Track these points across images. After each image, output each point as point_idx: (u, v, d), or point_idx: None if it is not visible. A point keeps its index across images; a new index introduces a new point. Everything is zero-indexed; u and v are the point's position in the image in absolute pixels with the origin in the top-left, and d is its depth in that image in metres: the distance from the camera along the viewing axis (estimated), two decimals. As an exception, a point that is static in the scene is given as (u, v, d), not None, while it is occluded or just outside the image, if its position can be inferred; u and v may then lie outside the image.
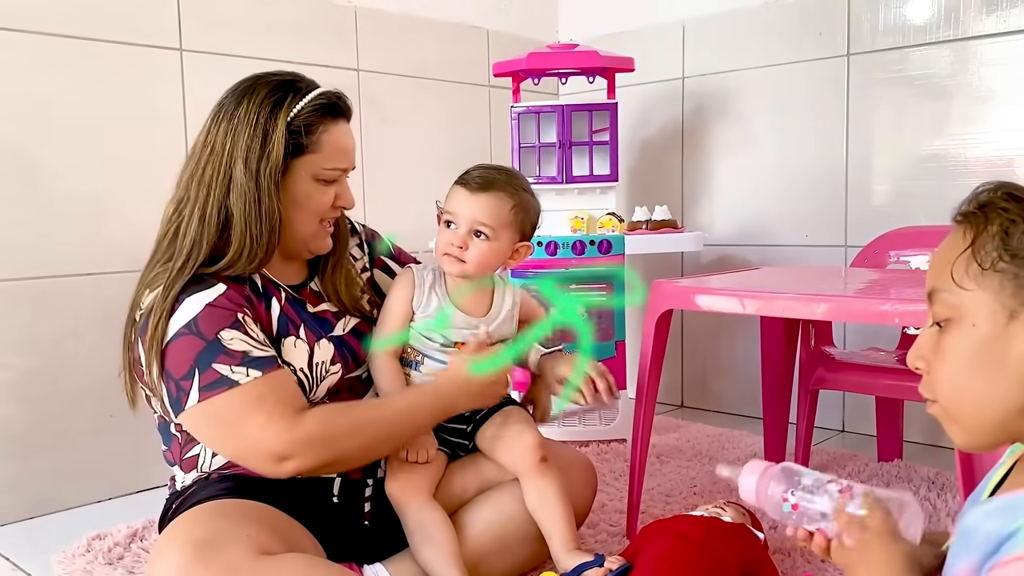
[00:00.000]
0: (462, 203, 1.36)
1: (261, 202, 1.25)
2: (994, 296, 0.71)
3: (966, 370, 0.74)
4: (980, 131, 2.09)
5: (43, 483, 1.84)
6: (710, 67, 2.59)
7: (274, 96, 1.27)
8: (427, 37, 2.54)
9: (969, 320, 0.73)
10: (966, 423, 0.75)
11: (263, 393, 1.20)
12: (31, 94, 1.80)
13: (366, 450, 1.30)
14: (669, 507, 1.75)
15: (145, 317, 1.23)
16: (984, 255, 0.72)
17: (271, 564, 1.10)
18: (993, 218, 0.72)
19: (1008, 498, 0.70)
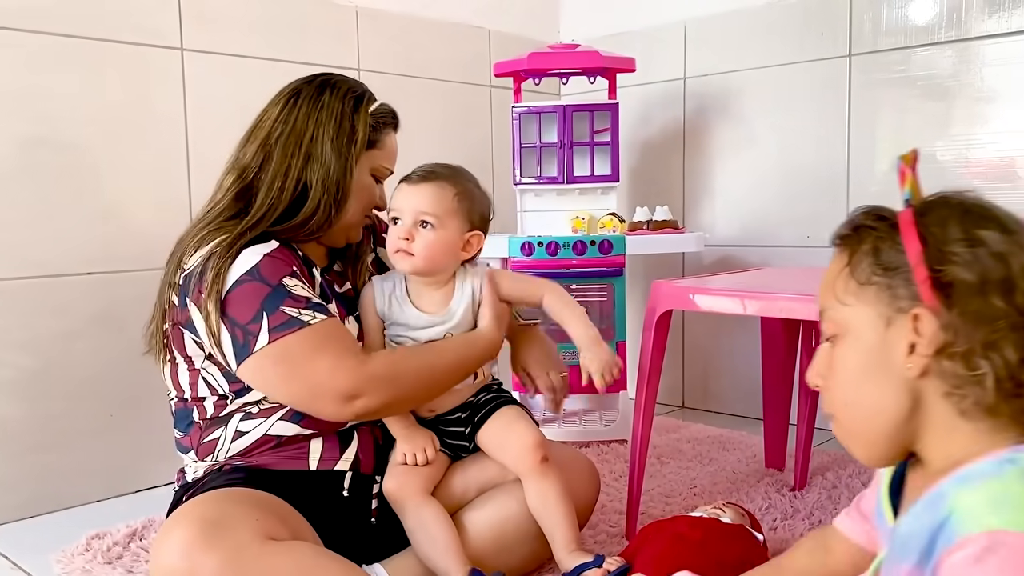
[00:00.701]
0: (404, 196, 1.38)
1: (341, 179, 1.36)
2: (872, 307, 0.77)
3: (856, 381, 0.79)
4: (982, 132, 2.08)
5: (42, 482, 1.84)
6: (711, 67, 2.58)
7: (355, 93, 1.41)
8: (428, 37, 2.54)
9: (854, 333, 0.78)
10: (862, 435, 0.80)
11: (331, 333, 1.26)
12: (31, 93, 1.80)
13: (423, 395, 1.37)
14: (669, 508, 1.75)
15: (199, 273, 1.26)
16: (860, 271, 0.78)
17: (277, 548, 1.11)
18: (865, 237, 0.79)
19: (930, 493, 0.72)
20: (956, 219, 0.74)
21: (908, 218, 0.76)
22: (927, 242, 0.74)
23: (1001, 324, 0.70)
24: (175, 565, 1.08)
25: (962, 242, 0.73)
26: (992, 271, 0.71)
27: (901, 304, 0.74)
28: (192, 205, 2.01)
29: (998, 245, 0.72)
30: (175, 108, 2.01)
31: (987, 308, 0.71)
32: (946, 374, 0.73)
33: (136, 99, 1.95)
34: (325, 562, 1.15)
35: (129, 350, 1.88)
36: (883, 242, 0.77)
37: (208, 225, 1.32)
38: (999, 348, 0.70)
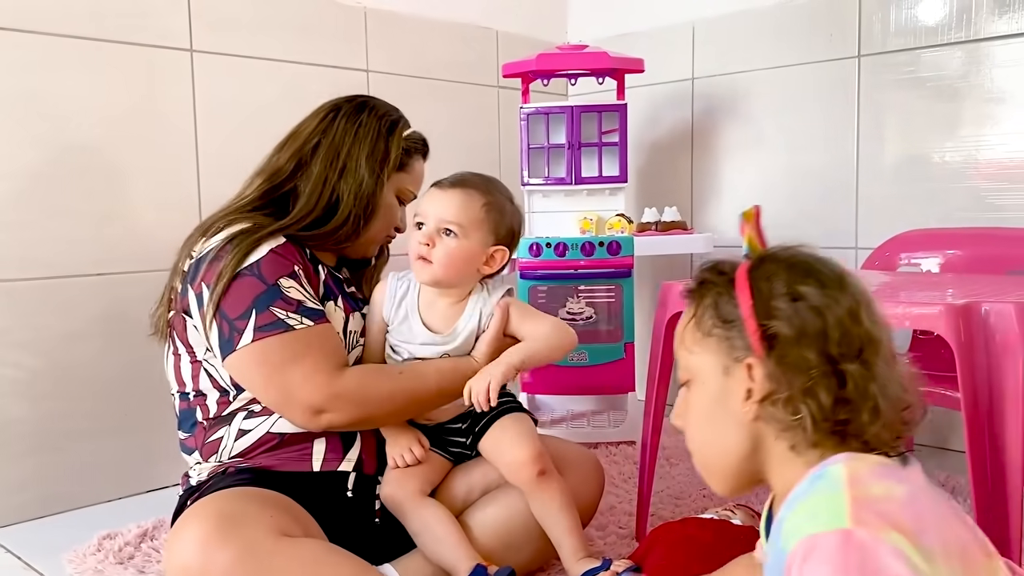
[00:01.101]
0: (431, 201, 1.36)
1: (371, 195, 1.40)
2: (714, 356, 0.84)
3: (705, 423, 0.87)
4: (992, 133, 2.08)
5: (53, 482, 1.84)
6: (720, 68, 2.58)
7: (391, 117, 1.47)
8: (436, 38, 2.55)
9: (700, 380, 0.86)
10: (714, 470, 0.88)
11: (312, 342, 1.27)
12: (40, 95, 1.81)
13: (394, 416, 1.37)
14: (679, 510, 1.75)
15: (212, 256, 1.29)
16: (703, 323, 0.85)
17: (290, 544, 1.12)
18: (707, 291, 0.86)
19: (775, 521, 0.79)
20: (782, 274, 0.82)
21: (742, 273, 0.84)
22: (756, 296, 0.81)
23: (815, 372, 0.78)
24: (190, 560, 1.09)
25: (785, 297, 0.80)
26: (809, 324, 0.79)
27: (737, 354, 0.82)
28: (201, 206, 2.02)
29: (816, 299, 0.79)
30: (184, 109, 2.02)
31: (803, 359, 0.78)
32: (774, 418, 0.80)
33: (145, 100, 1.95)
34: (338, 559, 1.16)
35: (137, 350, 1.89)
36: (721, 296, 0.84)
37: (228, 215, 1.36)
38: (815, 394, 0.78)
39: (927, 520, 0.71)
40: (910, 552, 0.67)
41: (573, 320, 2.20)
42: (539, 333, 1.37)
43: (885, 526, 0.68)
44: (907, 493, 0.73)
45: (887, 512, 0.70)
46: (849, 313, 0.79)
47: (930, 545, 0.68)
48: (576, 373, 2.19)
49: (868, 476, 0.74)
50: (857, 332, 0.79)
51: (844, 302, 0.80)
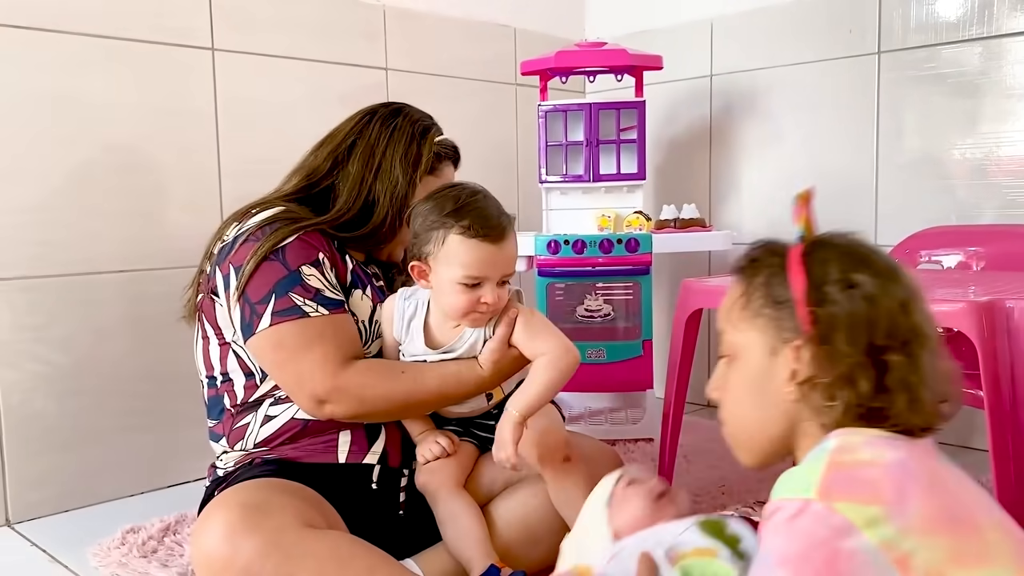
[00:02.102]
0: (492, 263, 1.26)
1: (404, 196, 1.42)
2: (761, 336, 0.84)
3: (744, 399, 0.88)
4: (1013, 129, 2.06)
5: (78, 477, 1.87)
6: (738, 65, 2.58)
7: (424, 123, 1.50)
8: (455, 36, 2.55)
9: (744, 357, 0.87)
10: (745, 444, 0.89)
11: (324, 331, 1.30)
12: (64, 94, 1.83)
13: (393, 415, 1.39)
14: (697, 507, 1.75)
15: (245, 239, 1.33)
16: (752, 302, 0.85)
17: (315, 535, 1.13)
18: (759, 270, 0.86)
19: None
20: (836, 260, 0.82)
21: (796, 256, 0.84)
22: (809, 280, 0.81)
23: (857, 360, 0.78)
24: (216, 548, 1.10)
25: (839, 283, 0.80)
26: (859, 312, 0.79)
27: (785, 335, 0.82)
28: (223, 203, 2.03)
29: (869, 288, 0.79)
30: (206, 107, 2.04)
31: (849, 346, 0.79)
32: (811, 401, 0.81)
33: (167, 99, 1.97)
34: (361, 551, 1.17)
35: (162, 346, 1.92)
36: (774, 276, 0.84)
37: (263, 204, 1.40)
38: (854, 381, 0.78)
39: (911, 488, 0.72)
40: (870, 525, 0.69)
41: (591, 317, 2.21)
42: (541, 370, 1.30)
43: (849, 497, 0.70)
44: (895, 460, 0.74)
45: (862, 479, 0.72)
46: (900, 304, 0.80)
47: (911, 512, 0.70)
48: (594, 370, 2.19)
49: (861, 444, 0.76)
50: (906, 324, 0.79)
51: (896, 293, 0.80)
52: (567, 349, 1.31)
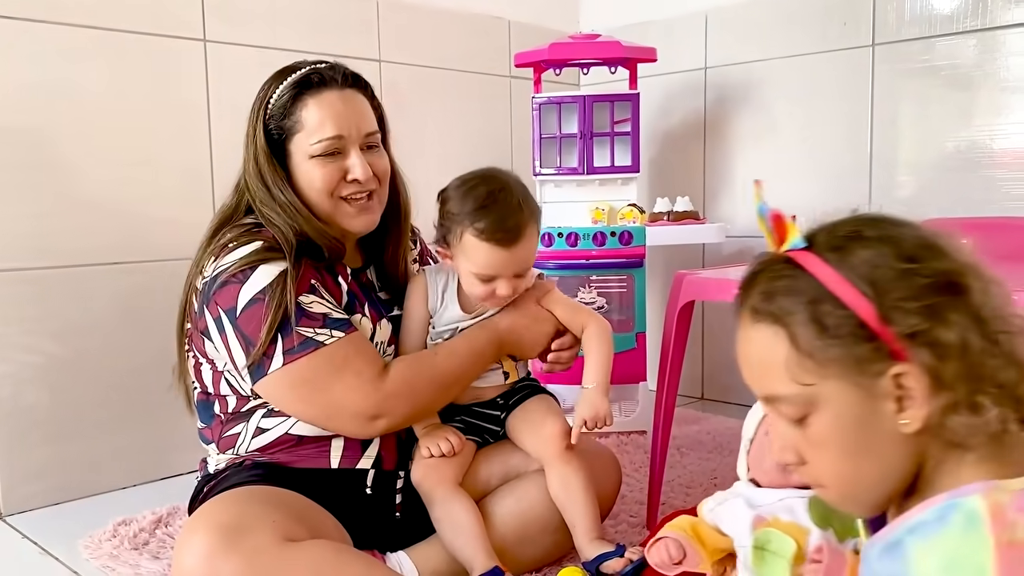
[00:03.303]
0: (503, 264, 1.33)
1: (273, 196, 1.29)
2: (842, 379, 0.68)
3: (850, 455, 0.71)
4: (1007, 122, 2.06)
5: (70, 469, 1.86)
6: (733, 57, 2.57)
7: (261, 91, 1.35)
8: (448, 28, 2.54)
9: (830, 410, 0.70)
10: (867, 501, 0.74)
11: (348, 354, 1.25)
12: (56, 84, 1.82)
13: (445, 392, 1.37)
14: (689, 499, 1.75)
15: (226, 280, 1.24)
16: (810, 347, 0.69)
17: (296, 550, 1.11)
18: (792, 307, 0.70)
19: (889, 538, 0.69)
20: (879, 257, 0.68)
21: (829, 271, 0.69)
22: (867, 296, 0.67)
23: (980, 354, 0.66)
24: (196, 572, 1.09)
25: (900, 284, 0.67)
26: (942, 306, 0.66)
27: (874, 368, 0.67)
28: (215, 195, 2.03)
29: (933, 272, 0.67)
30: (198, 99, 2.03)
31: (958, 342, 0.66)
32: (951, 424, 0.67)
33: (159, 90, 1.96)
34: (345, 559, 1.15)
35: (155, 338, 1.91)
36: (820, 305, 0.68)
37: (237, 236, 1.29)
38: (995, 378, 0.66)
39: None
40: None
41: (585, 310, 2.20)
42: (595, 329, 1.43)
43: None
44: None
45: None
46: (967, 274, 0.68)
47: None
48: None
49: (1013, 510, 0.62)
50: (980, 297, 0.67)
51: (954, 263, 0.68)
52: (604, 320, 1.45)
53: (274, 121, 1.31)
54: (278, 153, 1.31)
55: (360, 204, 1.34)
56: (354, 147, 1.31)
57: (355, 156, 1.31)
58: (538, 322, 1.42)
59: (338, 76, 1.32)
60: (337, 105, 1.30)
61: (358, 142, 1.32)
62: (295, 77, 1.31)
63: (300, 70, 1.32)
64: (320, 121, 1.29)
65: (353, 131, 1.31)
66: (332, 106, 1.30)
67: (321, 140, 1.29)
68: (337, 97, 1.31)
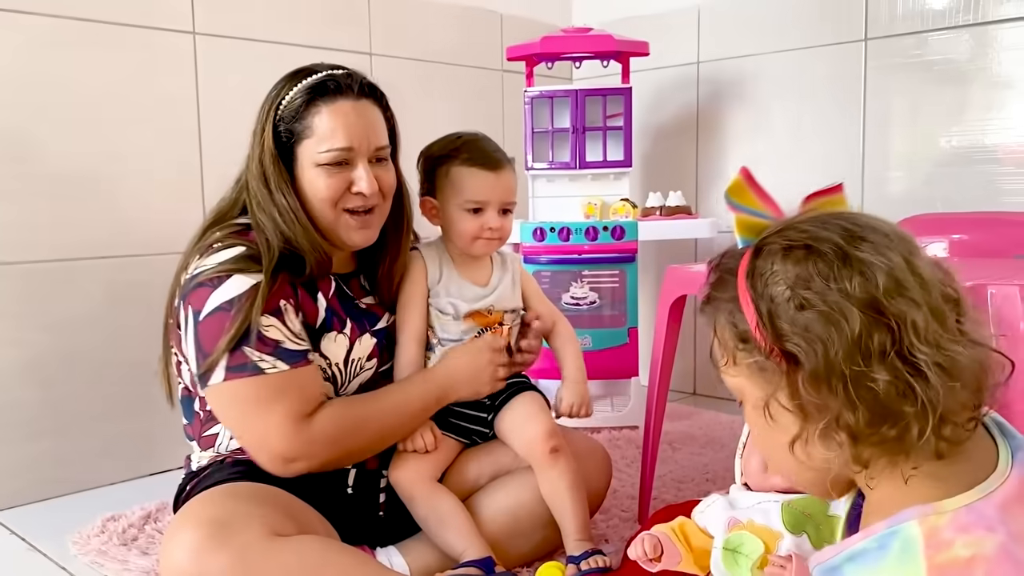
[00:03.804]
0: (491, 189, 1.39)
1: (274, 198, 1.26)
2: (750, 384, 0.71)
3: (764, 449, 0.76)
4: (999, 117, 2.06)
5: (59, 465, 1.85)
6: (725, 52, 2.57)
7: (274, 91, 1.31)
8: (440, 21, 2.53)
9: (748, 403, 0.73)
10: (801, 487, 0.77)
11: (285, 388, 1.21)
12: (44, 77, 1.80)
13: (372, 444, 1.32)
14: (681, 493, 1.75)
15: (202, 282, 1.22)
16: (728, 347, 0.72)
17: (284, 545, 1.11)
18: (721, 307, 0.72)
19: (827, 563, 0.69)
20: (779, 271, 0.67)
21: (742, 275, 0.70)
22: (758, 308, 0.67)
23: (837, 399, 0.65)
24: (184, 567, 1.09)
25: (788, 305, 0.66)
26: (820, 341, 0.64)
27: (773, 378, 0.69)
28: (204, 189, 2.02)
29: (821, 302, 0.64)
30: (187, 92, 2.01)
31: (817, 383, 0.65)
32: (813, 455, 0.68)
33: (148, 83, 1.95)
34: (333, 555, 1.15)
35: (144, 333, 1.89)
36: (739, 314, 0.70)
37: (224, 236, 1.27)
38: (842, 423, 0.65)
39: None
40: None
41: (577, 305, 2.20)
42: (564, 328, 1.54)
43: None
44: (997, 548, 0.61)
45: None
46: (868, 305, 0.64)
47: None
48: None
49: (950, 531, 0.62)
50: (883, 324, 0.63)
51: (860, 289, 0.64)
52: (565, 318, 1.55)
53: (284, 123, 1.27)
54: (284, 156, 1.28)
55: (361, 218, 1.31)
56: (362, 160, 1.28)
57: (362, 169, 1.28)
58: (474, 354, 1.39)
59: (354, 85, 1.29)
60: (350, 115, 1.27)
61: (367, 155, 1.29)
62: (311, 81, 1.27)
63: (316, 74, 1.29)
64: (331, 130, 1.26)
65: (364, 143, 1.28)
66: (345, 116, 1.27)
67: (330, 149, 1.26)
68: (351, 107, 1.28)
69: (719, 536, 1.04)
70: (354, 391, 1.35)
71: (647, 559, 1.09)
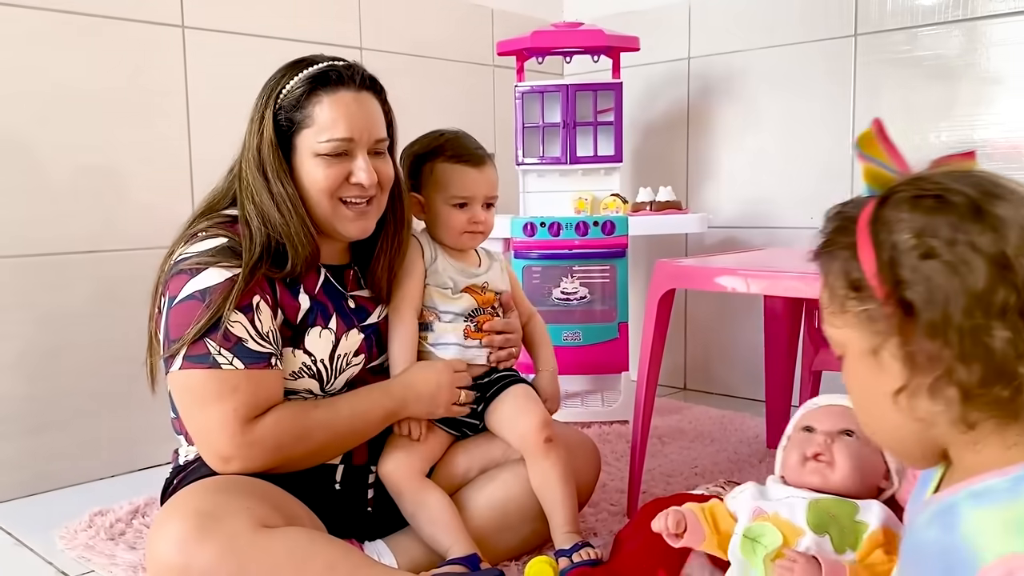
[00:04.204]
0: (475, 183, 1.43)
1: (271, 187, 1.25)
2: (857, 333, 0.69)
3: (862, 403, 0.73)
4: (988, 113, 2.07)
5: (46, 460, 1.84)
6: (716, 47, 2.57)
7: (274, 79, 1.30)
8: (431, 15, 2.53)
9: (850, 356, 0.72)
10: (891, 449, 0.75)
11: (237, 386, 1.19)
12: (33, 70, 1.79)
13: (317, 452, 1.30)
14: (670, 487, 1.75)
15: (181, 270, 1.22)
16: (837, 295, 0.70)
17: (271, 536, 1.10)
18: (836, 255, 0.71)
19: (941, 503, 0.67)
20: (906, 218, 0.66)
21: (864, 224, 0.68)
22: (878, 257, 0.66)
23: (951, 352, 0.63)
24: (171, 559, 1.08)
25: (912, 253, 0.64)
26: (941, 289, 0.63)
27: (879, 328, 0.67)
28: (193, 183, 2.01)
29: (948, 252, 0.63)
30: (176, 86, 2.00)
31: (938, 335, 0.63)
32: (920, 409, 0.67)
33: (137, 76, 1.94)
34: (320, 546, 1.14)
35: (132, 328, 1.88)
36: (853, 262, 0.68)
37: (210, 225, 1.27)
38: (954, 377, 0.64)
39: None
40: None
41: (567, 300, 2.20)
42: (539, 323, 1.60)
43: None
44: None
45: None
46: (996, 260, 0.62)
47: None
48: (570, 353, 2.18)
49: None
50: (1008, 281, 0.62)
51: (990, 244, 0.62)
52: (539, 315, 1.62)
53: (284, 112, 1.27)
54: (283, 145, 1.28)
55: (358, 209, 1.30)
56: (362, 151, 1.28)
57: (362, 160, 1.28)
58: (436, 371, 1.37)
59: (356, 77, 1.30)
60: (352, 106, 1.27)
61: (367, 146, 1.29)
62: (312, 71, 1.27)
63: (317, 64, 1.29)
64: (333, 120, 1.26)
65: (364, 134, 1.28)
66: (347, 106, 1.27)
67: (331, 139, 1.26)
68: (352, 98, 1.28)
69: (742, 523, 1.05)
70: (341, 387, 1.34)
71: (670, 533, 1.09)
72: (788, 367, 1.98)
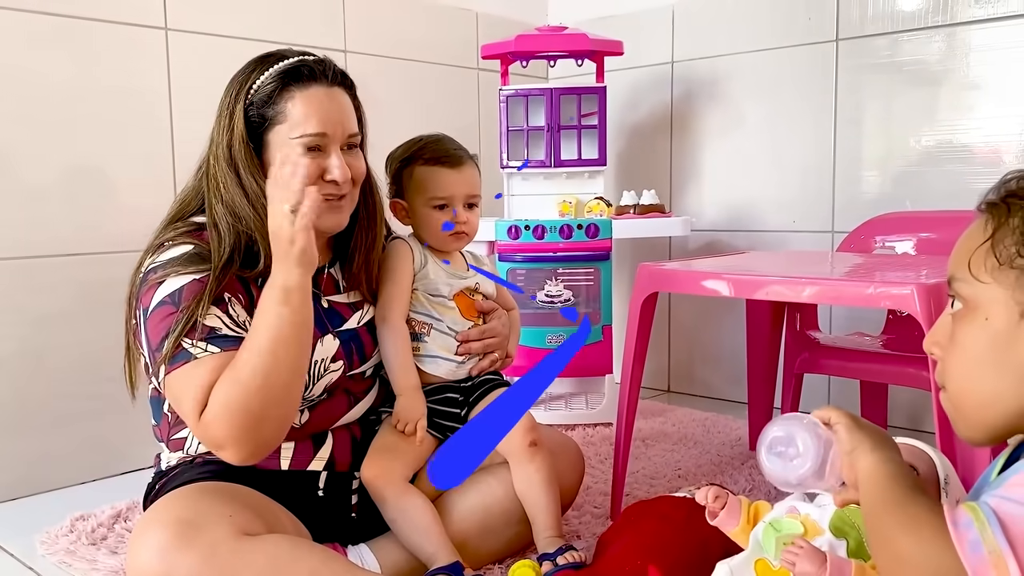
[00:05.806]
0: (454, 183, 1.44)
1: (243, 183, 1.24)
2: (1009, 292, 0.70)
3: (977, 364, 0.73)
4: (969, 117, 2.09)
5: (27, 464, 1.83)
6: (699, 52, 2.58)
7: (243, 74, 1.29)
8: (415, 18, 2.53)
9: (983, 313, 0.71)
10: (970, 417, 0.74)
11: (209, 370, 1.14)
12: (12, 72, 1.78)
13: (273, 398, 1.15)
14: (653, 489, 1.76)
15: (151, 281, 1.20)
16: (1003, 249, 0.70)
17: (252, 544, 1.10)
18: (1016, 211, 0.70)
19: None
20: None
21: None
22: None
23: None
24: (152, 568, 1.07)
25: None
26: None
27: None
28: (176, 185, 2.00)
29: None
30: (159, 88, 1.99)
31: None
32: None
33: (120, 79, 1.93)
34: (302, 553, 1.13)
35: (113, 332, 1.87)
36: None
37: (174, 235, 1.25)
38: None
39: None
40: None
41: (551, 303, 2.20)
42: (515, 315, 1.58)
43: None
44: None
45: None
46: None
47: None
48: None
49: None
50: None
51: None
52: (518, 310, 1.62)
53: (255, 108, 1.25)
54: (253, 141, 1.26)
55: (331, 203, 1.28)
56: (335, 146, 1.26)
57: (335, 156, 1.26)
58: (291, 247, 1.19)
59: (328, 72, 1.28)
60: (324, 102, 1.26)
61: (340, 141, 1.27)
62: (283, 66, 1.26)
63: (287, 59, 1.28)
64: (305, 116, 1.24)
65: (337, 130, 1.26)
66: (320, 102, 1.25)
67: (304, 135, 1.24)
68: (325, 93, 1.26)
69: (772, 515, 1.07)
70: (320, 393, 1.32)
71: (709, 508, 1.10)
72: (770, 370, 1.99)
